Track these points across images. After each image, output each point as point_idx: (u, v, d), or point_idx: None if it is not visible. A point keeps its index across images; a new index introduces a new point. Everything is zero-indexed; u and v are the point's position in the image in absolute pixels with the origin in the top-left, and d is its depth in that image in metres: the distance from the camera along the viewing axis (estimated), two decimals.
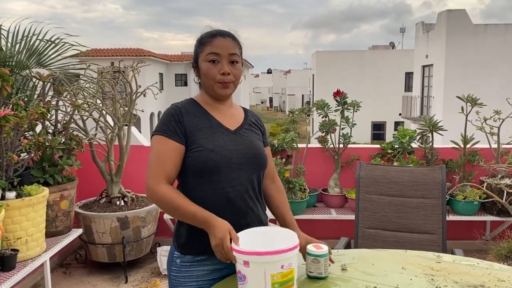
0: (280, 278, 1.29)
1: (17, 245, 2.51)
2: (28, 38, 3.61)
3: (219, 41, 1.53)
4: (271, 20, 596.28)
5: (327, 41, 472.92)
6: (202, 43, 1.55)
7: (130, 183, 3.82)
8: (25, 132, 2.97)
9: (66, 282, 3.47)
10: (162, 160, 1.48)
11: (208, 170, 1.46)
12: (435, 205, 2.44)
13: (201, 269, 1.52)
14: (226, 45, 1.53)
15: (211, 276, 1.53)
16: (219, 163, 1.47)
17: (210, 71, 1.52)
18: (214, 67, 1.52)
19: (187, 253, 1.53)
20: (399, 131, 4.04)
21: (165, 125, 1.50)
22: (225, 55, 1.52)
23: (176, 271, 1.54)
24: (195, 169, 1.48)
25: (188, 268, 1.52)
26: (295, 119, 4.42)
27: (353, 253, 1.81)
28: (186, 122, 1.51)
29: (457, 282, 1.52)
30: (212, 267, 1.53)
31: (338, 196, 3.98)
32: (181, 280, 1.53)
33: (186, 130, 1.50)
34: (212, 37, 1.54)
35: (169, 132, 1.49)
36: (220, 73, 1.51)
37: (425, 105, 17.79)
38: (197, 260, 1.52)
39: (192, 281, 1.52)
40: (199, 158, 1.47)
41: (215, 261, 1.52)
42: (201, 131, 1.51)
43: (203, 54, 1.54)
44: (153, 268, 3.68)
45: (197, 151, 1.48)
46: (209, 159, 1.46)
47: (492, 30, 15.23)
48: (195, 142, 1.49)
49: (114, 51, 22.56)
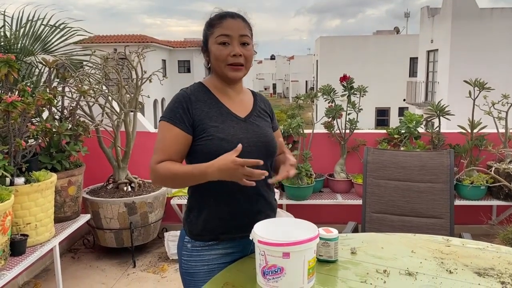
0: (312, 264, 1.32)
1: (26, 230, 2.54)
2: (33, 23, 3.59)
3: (229, 23, 1.50)
4: (275, 5, 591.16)
5: (331, 26, 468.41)
6: (212, 25, 1.52)
7: (137, 169, 3.83)
8: (32, 118, 2.97)
9: (75, 266, 3.51)
10: (166, 146, 1.48)
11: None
12: (443, 189, 2.44)
13: (212, 253, 1.53)
14: (236, 26, 1.49)
15: (222, 260, 1.53)
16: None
17: (221, 53, 1.49)
18: (225, 48, 1.49)
19: (197, 238, 1.54)
20: (406, 116, 4.02)
21: (172, 111, 1.49)
22: (235, 36, 1.49)
23: (187, 255, 1.55)
24: (206, 158, 1.46)
25: (199, 253, 1.53)
26: (301, 105, 4.40)
27: (362, 237, 1.82)
28: (195, 110, 1.49)
29: (467, 265, 1.53)
30: (223, 251, 1.54)
31: (344, 181, 3.98)
32: (192, 264, 1.53)
33: (194, 119, 1.48)
34: (222, 18, 1.51)
35: (175, 120, 1.48)
36: (231, 55, 1.49)
37: (429, 91, 17.68)
38: (208, 244, 1.53)
39: (203, 265, 1.52)
40: (210, 147, 1.46)
41: (227, 245, 1.53)
42: (211, 119, 1.49)
43: (213, 37, 1.51)
44: (161, 253, 3.71)
45: (208, 140, 1.46)
46: (220, 148, 1.44)
47: (498, 14, 15.02)
48: (205, 130, 1.47)
49: (117, 37, 22.46)
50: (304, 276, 1.30)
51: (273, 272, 1.29)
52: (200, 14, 1.58)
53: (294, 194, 3.81)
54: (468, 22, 14.86)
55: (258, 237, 1.30)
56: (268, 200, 1.59)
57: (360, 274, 1.45)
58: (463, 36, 14.91)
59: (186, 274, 1.55)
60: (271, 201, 1.61)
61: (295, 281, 1.30)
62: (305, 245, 1.28)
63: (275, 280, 1.29)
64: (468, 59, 14.64)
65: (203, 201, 1.53)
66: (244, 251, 1.57)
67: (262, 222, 1.42)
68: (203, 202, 1.53)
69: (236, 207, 1.50)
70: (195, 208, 1.55)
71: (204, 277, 1.51)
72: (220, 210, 1.51)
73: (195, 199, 1.56)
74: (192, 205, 1.57)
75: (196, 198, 1.55)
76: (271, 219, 1.52)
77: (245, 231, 1.50)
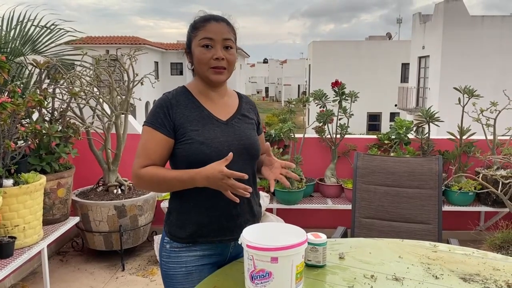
0: (300, 268, 1.33)
1: (14, 232, 2.52)
2: (23, 24, 3.57)
3: (213, 26, 1.50)
4: (269, 9, 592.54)
5: (325, 31, 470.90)
6: (196, 28, 1.52)
7: (127, 171, 3.81)
8: (22, 120, 2.95)
9: (63, 269, 3.48)
10: (149, 150, 1.48)
11: (199, 162, 1.44)
12: (431, 195, 2.46)
13: (190, 254, 1.53)
14: (220, 30, 1.50)
15: (200, 262, 1.54)
16: (210, 156, 1.45)
17: (204, 56, 1.49)
18: (208, 52, 1.49)
19: (175, 240, 1.54)
20: (397, 121, 4.06)
21: (154, 116, 1.50)
22: (219, 40, 1.49)
23: (166, 256, 1.56)
24: (187, 161, 1.47)
25: (177, 254, 1.53)
26: (292, 109, 4.42)
27: (350, 242, 1.83)
28: (175, 114, 1.49)
29: (453, 270, 1.54)
30: (201, 253, 1.54)
31: (335, 186, 4.00)
32: (171, 265, 1.54)
33: (175, 123, 1.48)
34: (206, 21, 1.50)
35: (157, 124, 1.48)
36: (214, 58, 1.49)
37: (421, 96, 17.83)
38: (186, 246, 1.53)
39: (181, 266, 1.53)
40: (189, 150, 1.46)
41: (204, 247, 1.54)
42: (192, 123, 1.49)
43: (196, 39, 1.50)
44: (150, 256, 3.69)
45: (188, 143, 1.47)
46: (200, 151, 1.45)
47: (489, 21, 15.21)
48: (185, 134, 1.48)
49: (109, 38, 22.38)
50: (292, 280, 1.31)
51: (261, 277, 1.29)
52: (193, 17, 1.58)
53: (285, 199, 3.81)
54: (459, 29, 15.03)
55: (246, 241, 1.31)
56: (249, 205, 1.59)
57: (347, 279, 1.46)
58: (454, 43, 15.08)
59: (166, 276, 1.56)
60: (253, 206, 1.61)
61: (283, 285, 1.30)
62: (293, 250, 1.29)
63: (263, 284, 1.29)
64: (458, 66, 14.80)
65: (183, 204, 1.53)
66: (223, 254, 1.58)
67: (251, 227, 1.42)
68: (183, 204, 1.53)
69: (215, 211, 1.51)
70: (175, 210, 1.56)
71: (183, 280, 1.52)
72: (199, 213, 1.51)
73: (175, 201, 1.57)
74: (172, 207, 1.58)
75: (177, 200, 1.56)
76: (260, 224, 1.52)
77: (223, 235, 1.51)
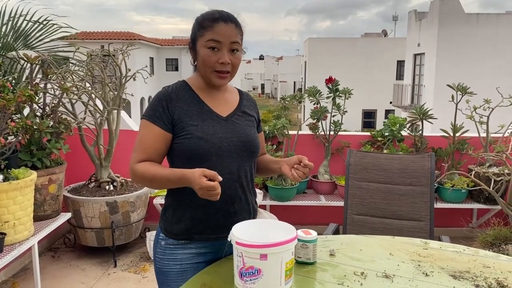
0: (289, 265, 1.32)
1: (4, 228, 2.50)
2: (15, 19, 3.53)
3: (222, 28, 1.44)
4: (265, 5, 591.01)
5: (322, 28, 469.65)
6: (203, 27, 1.46)
7: (120, 167, 3.79)
8: (13, 115, 2.92)
9: (55, 265, 3.46)
10: (146, 145, 1.47)
11: (197, 157, 1.44)
12: (423, 192, 2.46)
13: (185, 252, 1.52)
14: (228, 33, 1.45)
15: (195, 260, 1.53)
16: (209, 151, 1.45)
17: (209, 59, 1.45)
18: (214, 54, 1.45)
19: (171, 236, 1.53)
20: (390, 118, 4.06)
21: (153, 110, 1.48)
22: (226, 43, 1.45)
23: (161, 253, 1.54)
24: (185, 156, 1.46)
25: (172, 251, 1.52)
26: (287, 105, 4.41)
27: (341, 239, 1.82)
28: (174, 109, 1.47)
29: (443, 268, 1.54)
30: (196, 251, 1.53)
31: (328, 182, 4.00)
32: (165, 262, 1.53)
33: (174, 117, 1.47)
34: (214, 21, 1.45)
35: (154, 118, 1.47)
36: (219, 62, 1.45)
37: (416, 94, 17.86)
38: (182, 243, 1.52)
39: (176, 264, 1.51)
40: (188, 145, 1.45)
41: (200, 245, 1.53)
42: (191, 118, 1.48)
43: (203, 40, 1.45)
44: (142, 252, 3.68)
45: (186, 138, 1.45)
46: (199, 146, 1.44)
47: (484, 19, 15.25)
48: (184, 129, 1.46)
49: (104, 34, 22.26)
50: (281, 277, 1.31)
51: (250, 274, 1.29)
52: (190, 12, 1.62)
53: (278, 195, 3.81)
54: (454, 27, 15.06)
55: (236, 238, 1.30)
56: (246, 202, 1.58)
57: (337, 276, 1.46)
58: (449, 40, 15.11)
59: (160, 273, 1.55)
60: (250, 203, 1.60)
61: (272, 282, 1.30)
62: (282, 247, 1.28)
63: (252, 281, 1.29)
64: (453, 63, 14.84)
65: (179, 200, 1.52)
66: (219, 253, 1.56)
67: (241, 224, 1.41)
68: (179, 201, 1.52)
69: (211, 208, 1.49)
70: (171, 206, 1.55)
71: (177, 277, 1.50)
72: (196, 210, 1.50)
73: (171, 197, 1.55)
74: (168, 203, 1.57)
75: (173, 196, 1.54)
76: (250, 221, 1.51)
77: (220, 232, 1.49)
